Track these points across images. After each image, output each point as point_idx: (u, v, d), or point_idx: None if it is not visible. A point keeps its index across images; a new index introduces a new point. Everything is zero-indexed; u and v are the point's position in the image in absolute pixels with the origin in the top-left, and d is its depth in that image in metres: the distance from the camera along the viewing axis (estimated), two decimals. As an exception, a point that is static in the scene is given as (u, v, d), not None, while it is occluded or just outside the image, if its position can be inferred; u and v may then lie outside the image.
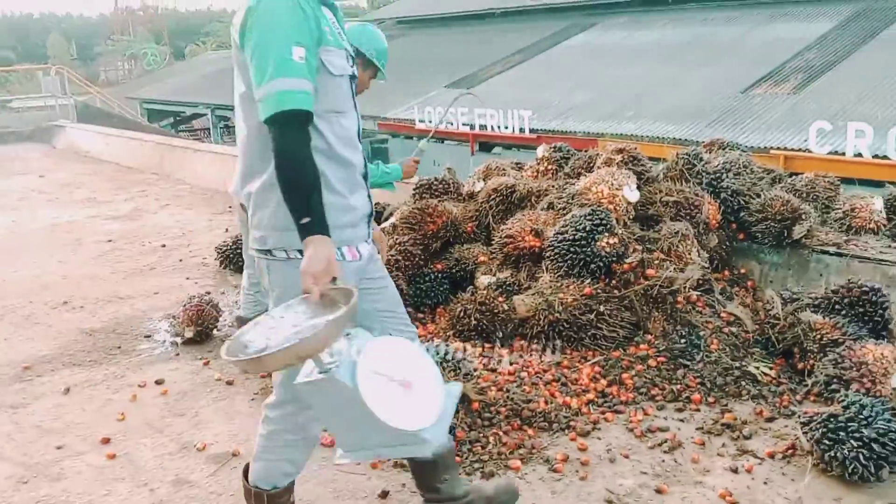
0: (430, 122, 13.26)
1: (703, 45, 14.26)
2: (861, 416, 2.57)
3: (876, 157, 9.00)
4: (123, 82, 41.29)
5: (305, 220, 1.83)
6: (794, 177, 4.95)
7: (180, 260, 5.72)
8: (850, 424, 2.55)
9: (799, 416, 2.80)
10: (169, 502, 2.62)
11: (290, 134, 1.84)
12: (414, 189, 4.92)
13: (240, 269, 5.27)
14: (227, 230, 6.46)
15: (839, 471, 2.53)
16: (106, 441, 3.04)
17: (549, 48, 16.64)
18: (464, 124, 13.14)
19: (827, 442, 2.57)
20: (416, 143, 4.50)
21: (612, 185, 3.91)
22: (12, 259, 5.94)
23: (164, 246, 6.16)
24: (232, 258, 5.28)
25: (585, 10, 17.84)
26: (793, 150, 9.78)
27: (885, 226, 4.38)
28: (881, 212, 4.43)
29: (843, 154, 9.17)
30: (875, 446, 2.50)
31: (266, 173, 1.94)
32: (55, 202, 8.34)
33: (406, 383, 1.79)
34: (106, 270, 5.53)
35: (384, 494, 2.59)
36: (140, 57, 47.92)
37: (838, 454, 2.53)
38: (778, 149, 9.84)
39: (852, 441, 2.52)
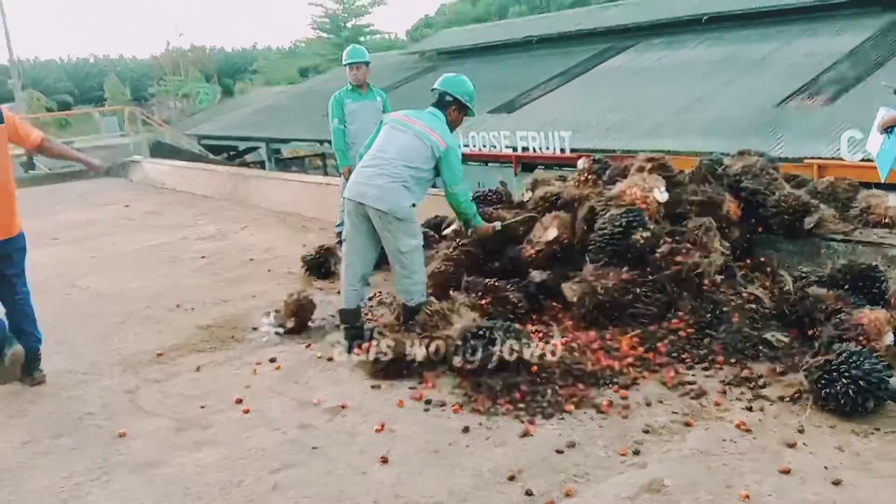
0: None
1: (738, 61, 14.75)
2: (851, 360, 3.17)
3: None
4: (178, 121, 43.20)
5: None
6: (815, 181, 5.55)
7: (269, 270, 6.54)
8: (841, 367, 3.16)
9: (803, 365, 3.41)
10: (299, 439, 3.36)
11: None
12: (472, 199, 5.63)
13: (322, 276, 6.09)
14: (304, 245, 7.26)
15: (834, 404, 3.15)
16: (239, 401, 3.81)
17: (586, 71, 17.30)
18: (507, 147, 13.85)
19: (823, 381, 3.18)
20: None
21: (644, 188, 4.57)
22: (122, 273, 6.84)
23: (251, 260, 7.00)
24: (316, 266, 6.07)
25: (622, 33, 18.48)
26: (825, 158, 10.23)
27: (899, 220, 4.93)
28: (895, 208, 4.99)
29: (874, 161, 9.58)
30: (861, 383, 3.10)
31: None
32: (145, 227, 9.30)
33: None
34: (206, 281, 6.37)
35: (466, 429, 3.28)
36: (192, 96, 49.95)
37: (832, 390, 3.14)
38: (811, 158, 10.29)
39: (843, 379, 3.13)
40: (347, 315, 4.41)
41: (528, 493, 2.77)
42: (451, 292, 4.62)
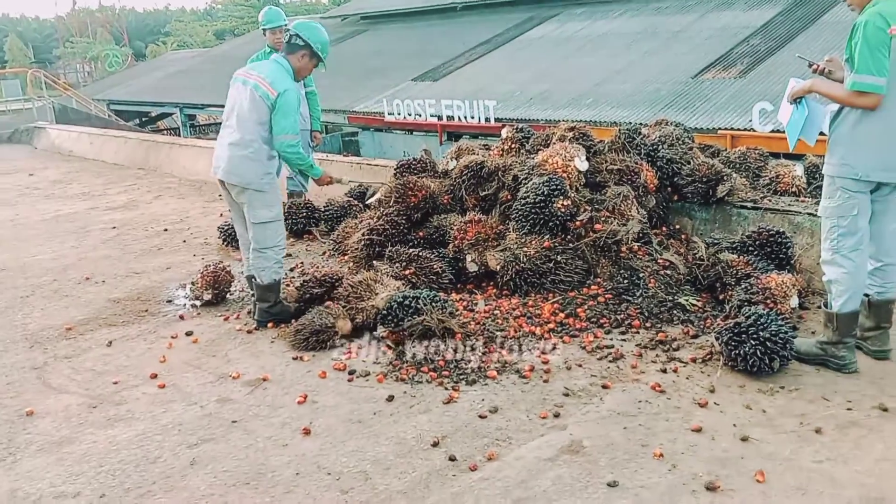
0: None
1: (656, 33, 15.06)
2: (759, 323, 3.31)
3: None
4: (84, 84, 41.09)
5: None
6: (728, 150, 5.74)
7: (184, 241, 6.32)
8: (750, 329, 3.29)
9: (714, 328, 3.54)
10: (217, 413, 3.27)
11: None
12: (395, 168, 5.57)
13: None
14: (221, 215, 7.05)
15: (742, 365, 3.28)
16: (154, 376, 3.68)
17: (510, 40, 17.32)
18: (432, 115, 13.76)
19: (733, 343, 3.31)
20: (386, 135, 5.28)
21: (565, 157, 4.62)
22: (27, 246, 6.49)
23: (165, 230, 6.75)
24: (233, 236, 5.88)
25: (544, 2, 18.57)
26: (738, 129, 10.60)
27: (805, 189, 5.16)
28: (801, 177, 5.21)
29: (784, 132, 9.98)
30: (769, 344, 3.24)
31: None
32: (52, 197, 8.84)
33: None
34: (117, 252, 6.11)
35: (391, 398, 3.27)
36: (101, 59, 47.59)
37: (741, 351, 3.27)
38: (725, 129, 10.65)
39: (752, 341, 3.26)
40: (251, 281, 4.35)
41: (452, 459, 2.79)
42: (374, 262, 4.59)
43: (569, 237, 4.41)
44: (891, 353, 3.41)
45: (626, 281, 4.17)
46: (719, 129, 10.74)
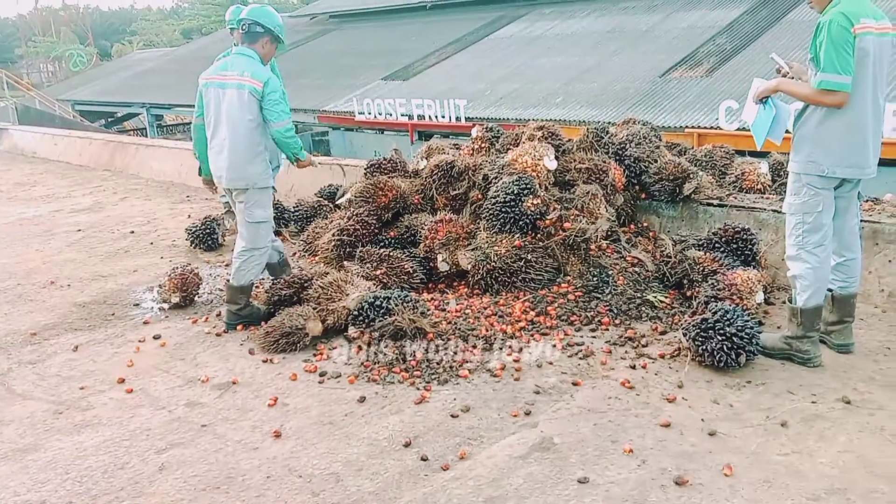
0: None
1: (624, 32, 15.20)
2: (725, 318, 3.36)
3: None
4: (48, 84, 40.29)
5: None
6: (695, 148, 5.82)
7: (151, 243, 6.23)
8: (717, 324, 3.34)
9: (681, 324, 3.59)
10: (186, 418, 3.24)
11: None
12: (366, 168, 5.55)
13: (208, 248, 5.89)
14: (188, 216, 6.97)
15: (710, 360, 3.33)
16: (122, 381, 3.63)
17: (480, 39, 17.36)
18: (402, 115, 13.74)
19: (700, 339, 3.36)
20: (356, 135, 5.30)
21: (535, 156, 4.64)
22: (-11, 250, 6.35)
23: (132, 232, 6.65)
24: (202, 238, 5.83)
25: (514, 1, 18.65)
26: (705, 127, 10.74)
27: (770, 186, 5.24)
28: (766, 174, 5.29)
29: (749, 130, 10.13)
30: (735, 339, 3.29)
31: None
32: (15, 200, 8.66)
33: None
34: (83, 255, 6.01)
35: (362, 399, 3.26)
36: (65, 58, 46.78)
37: (708, 347, 3.32)
38: (691, 127, 10.79)
39: (718, 336, 3.31)
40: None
41: (424, 459, 2.79)
42: (345, 263, 4.57)
43: (539, 236, 4.44)
44: (854, 346, 3.49)
45: (595, 279, 4.21)
46: (686, 127, 10.86)
